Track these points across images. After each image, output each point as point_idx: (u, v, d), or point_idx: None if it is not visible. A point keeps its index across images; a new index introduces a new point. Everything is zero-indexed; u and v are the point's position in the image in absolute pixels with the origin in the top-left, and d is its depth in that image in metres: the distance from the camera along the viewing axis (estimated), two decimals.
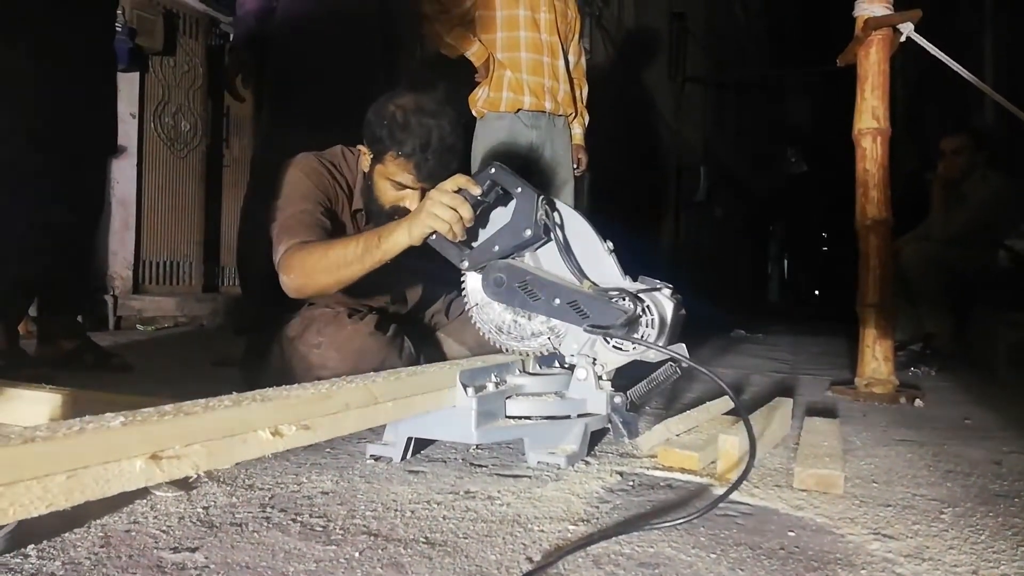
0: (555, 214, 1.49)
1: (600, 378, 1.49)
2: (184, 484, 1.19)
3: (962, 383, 2.74)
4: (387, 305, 2.08)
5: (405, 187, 1.79)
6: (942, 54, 2.33)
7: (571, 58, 3.25)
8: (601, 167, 5.31)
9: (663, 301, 1.45)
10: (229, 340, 2.76)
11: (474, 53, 3.08)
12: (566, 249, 1.48)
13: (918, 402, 2.25)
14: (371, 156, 1.84)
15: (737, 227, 11.42)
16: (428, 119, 1.74)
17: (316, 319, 1.89)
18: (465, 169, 1.90)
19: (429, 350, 2.09)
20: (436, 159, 1.74)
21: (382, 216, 1.83)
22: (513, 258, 1.50)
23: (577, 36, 3.29)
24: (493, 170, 1.47)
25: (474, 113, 3.15)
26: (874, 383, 2.33)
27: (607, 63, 7.55)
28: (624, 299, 1.41)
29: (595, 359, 1.48)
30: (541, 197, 1.45)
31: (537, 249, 1.51)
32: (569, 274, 1.47)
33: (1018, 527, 1.11)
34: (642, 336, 1.43)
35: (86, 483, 0.75)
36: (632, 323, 1.42)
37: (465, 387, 1.33)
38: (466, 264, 1.52)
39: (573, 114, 3.24)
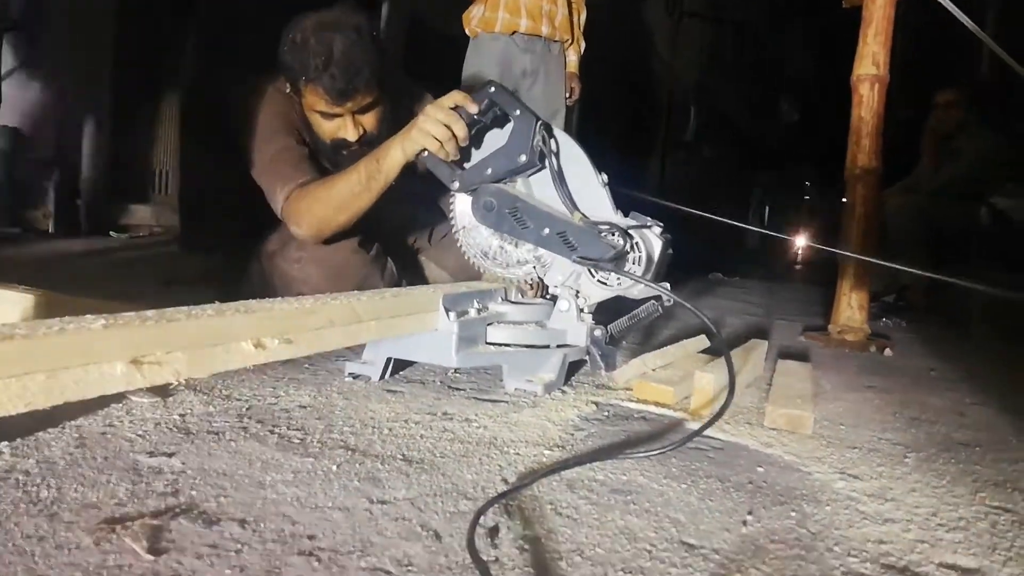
0: (552, 141, 1.45)
1: (581, 310, 1.49)
2: (161, 391, 1.18)
3: (931, 336, 2.79)
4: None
5: (334, 115, 1.71)
6: (948, 2, 2.28)
7: None
8: (592, 97, 5.22)
9: (652, 239, 1.45)
10: (180, 258, 2.71)
11: None
12: (560, 178, 1.45)
13: (887, 351, 2.30)
14: (291, 91, 1.75)
15: (723, 170, 11.36)
16: (327, 32, 1.63)
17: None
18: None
19: (410, 273, 2.08)
20: (343, 75, 1.62)
21: (329, 153, 1.78)
22: (505, 183, 1.47)
23: None
24: (492, 89, 1.42)
25: (467, 32, 3.06)
26: (847, 331, 2.37)
27: None
28: (614, 234, 1.40)
29: (578, 292, 1.48)
30: (539, 122, 1.42)
31: (530, 176, 1.48)
32: (561, 204, 1.45)
33: (978, 474, 1.14)
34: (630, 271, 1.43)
35: (66, 384, 0.74)
36: (620, 258, 1.41)
37: (447, 311, 1.33)
38: (457, 185, 1.49)
39: (569, 40, 3.16)
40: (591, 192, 1.47)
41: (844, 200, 2.47)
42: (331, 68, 1.61)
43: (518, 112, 1.42)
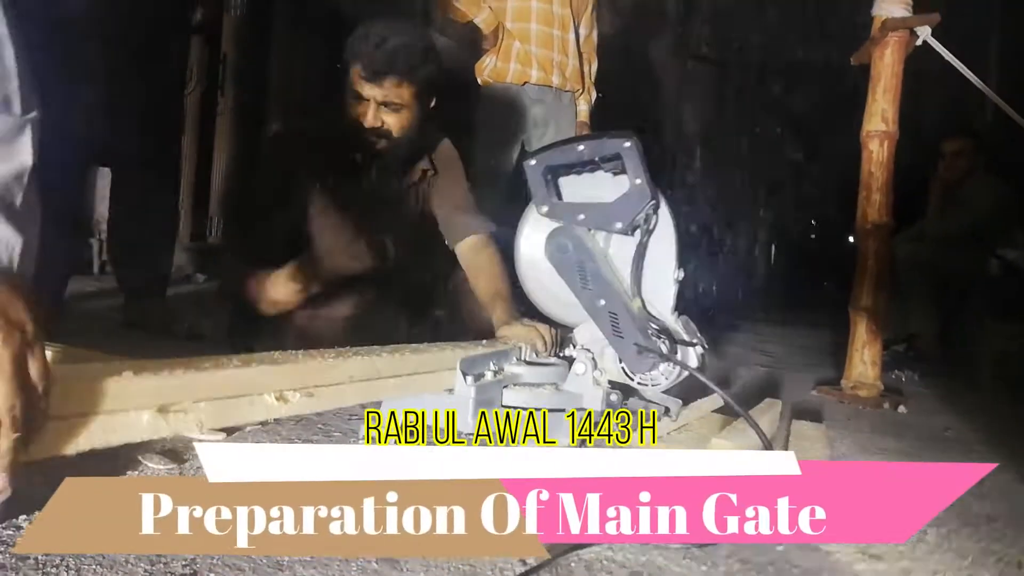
0: (655, 217, 1.42)
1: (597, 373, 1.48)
2: (176, 457, 1.18)
3: (944, 390, 2.77)
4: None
5: (362, 98, 1.78)
6: (955, 60, 2.32)
7: (582, 31, 3.19)
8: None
9: (692, 357, 1.43)
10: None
11: (483, 20, 3.03)
12: (640, 257, 1.42)
13: (901, 408, 2.29)
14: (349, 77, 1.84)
15: (729, 210, 11.43)
16: (388, 27, 1.78)
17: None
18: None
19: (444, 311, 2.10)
20: (384, 57, 1.73)
21: (349, 138, 1.85)
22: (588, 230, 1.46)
23: (590, 9, 3.22)
24: (627, 144, 1.37)
25: (479, 82, 3.10)
26: (860, 386, 2.36)
27: (611, 34, 7.47)
28: (660, 337, 1.39)
29: (596, 360, 1.47)
30: (652, 202, 1.39)
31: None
32: (627, 279, 1.43)
33: (999, 553, 1.13)
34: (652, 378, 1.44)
35: (93, 430, 0.74)
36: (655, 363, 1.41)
37: (464, 375, 1.33)
38: (546, 210, 1.47)
39: (580, 90, 3.19)
40: (661, 281, 1.44)
41: (852, 239, 2.47)
42: (373, 50, 1.73)
43: (639, 181, 1.38)
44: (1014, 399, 2.56)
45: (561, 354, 1.58)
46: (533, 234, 1.52)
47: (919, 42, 2.33)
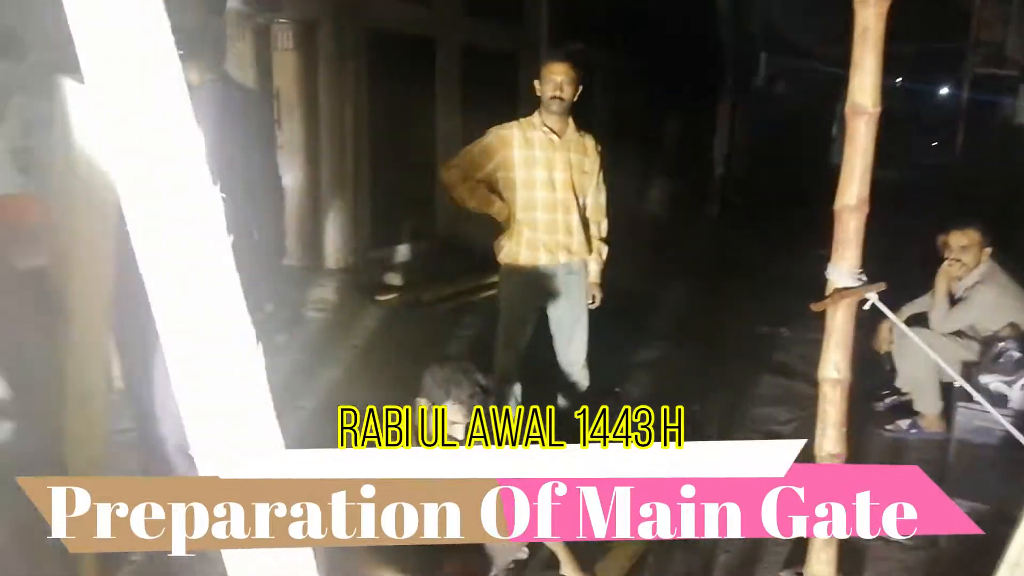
0: None
1: None
2: None
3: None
4: None
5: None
6: (902, 324, 2.56)
7: (589, 201, 3.46)
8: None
9: None
10: None
11: (497, 211, 3.37)
12: None
13: None
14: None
15: (803, 102, 11.04)
16: None
17: None
18: None
19: None
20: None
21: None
22: None
23: (596, 179, 3.48)
24: None
25: (497, 261, 3.49)
26: None
27: None
28: None
29: None
30: None
31: None
32: None
33: None
34: None
35: None
36: None
37: None
38: None
39: (589, 254, 3.49)
40: None
41: None
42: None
43: None
44: None
45: None
46: None
47: (867, 306, 2.56)
